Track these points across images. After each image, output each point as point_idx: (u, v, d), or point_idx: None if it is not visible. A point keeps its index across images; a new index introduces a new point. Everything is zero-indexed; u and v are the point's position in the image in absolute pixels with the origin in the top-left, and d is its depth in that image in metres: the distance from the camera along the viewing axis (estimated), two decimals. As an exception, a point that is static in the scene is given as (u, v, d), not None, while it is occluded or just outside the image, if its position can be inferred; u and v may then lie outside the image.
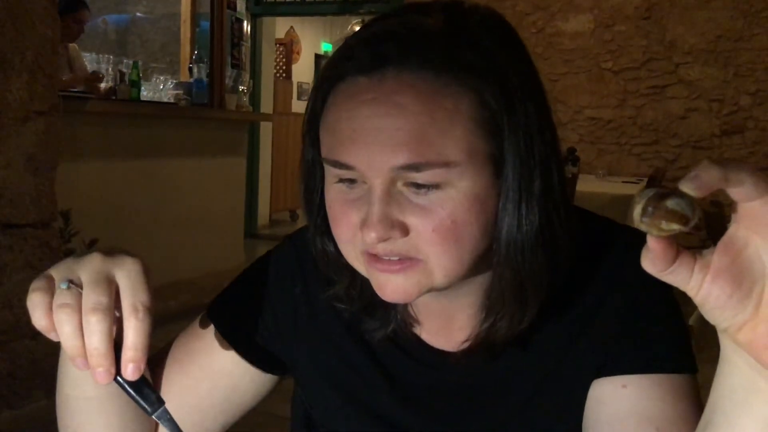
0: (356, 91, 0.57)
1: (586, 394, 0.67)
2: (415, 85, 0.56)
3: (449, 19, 0.59)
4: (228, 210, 4.90)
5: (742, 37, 5.18)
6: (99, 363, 0.55)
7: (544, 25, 5.62)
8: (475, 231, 0.58)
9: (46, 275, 0.57)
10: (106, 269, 0.57)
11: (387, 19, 0.61)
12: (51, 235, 2.64)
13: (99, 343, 0.54)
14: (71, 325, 0.54)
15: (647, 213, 0.39)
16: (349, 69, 0.58)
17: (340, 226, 0.61)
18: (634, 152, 5.53)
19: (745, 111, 5.23)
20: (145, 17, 6.41)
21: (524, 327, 0.64)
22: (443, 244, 0.58)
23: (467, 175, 0.57)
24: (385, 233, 0.57)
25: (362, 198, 0.59)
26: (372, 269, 0.61)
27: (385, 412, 0.72)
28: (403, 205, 0.58)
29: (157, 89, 4.72)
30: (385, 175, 0.57)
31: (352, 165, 0.58)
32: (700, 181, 0.38)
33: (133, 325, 0.55)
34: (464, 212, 0.57)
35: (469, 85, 0.57)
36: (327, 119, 0.60)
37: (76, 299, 0.55)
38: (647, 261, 0.41)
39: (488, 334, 0.65)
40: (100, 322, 0.54)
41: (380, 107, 0.56)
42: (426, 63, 0.56)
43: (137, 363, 0.56)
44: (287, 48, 10.32)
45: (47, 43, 2.55)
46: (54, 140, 2.61)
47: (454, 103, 0.56)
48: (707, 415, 0.48)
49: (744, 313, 0.41)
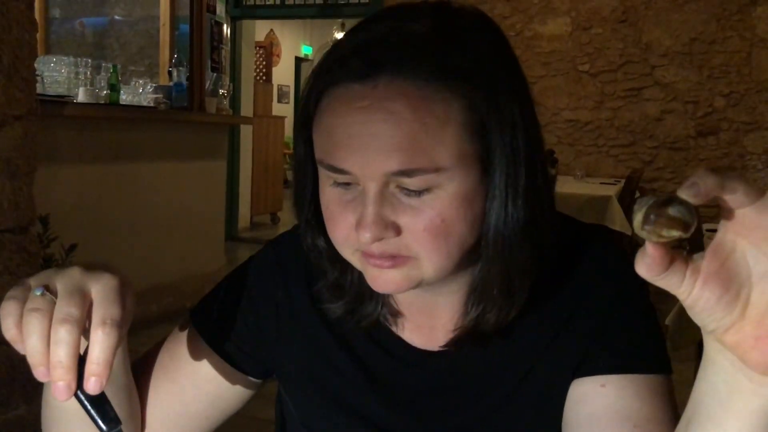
0: (350, 97, 0.59)
1: (565, 393, 0.68)
2: (408, 92, 0.57)
3: (439, 24, 0.61)
4: (209, 213, 4.87)
5: (715, 39, 5.26)
6: (60, 377, 0.53)
7: (522, 28, 5.67)
8: (463, 228, 0.61)
9: (23, 284, 0.57)
10: (83, 282, 0.56)
11: (377, 23, 0.62)
12: (29, 241, 2.61)
13: (64, 356, 0.53)
14: (38, 331, 0.53)
15: (649, 221, 0.39)
16: (342, 75, 0.59)
17: (337, 227, 0.63)
18: (612, 153, 5.59)
19: (719, 112, 5.31)
20: (124, 20, 6.35)
21: (512, 317, 0.66)
22: (434, 241, 0.60)
23: (456, 177, 0.59)
24: (379, 233, 0.59)
25: (357, 199, 0.61)
26: (366, 264, 0.63)
27: (368, 412, 0.73)
28: (396, 206, 0.60)
29: (136, 93, 4.67)
30: (379, 179, 0.58)
31: (348, 170, 0.59)
32: (699, 188, 0.39)
33: (99, 339, 0.54)
34: (453, 211, 0.60)
35: (460, 91, 0.58)
36: (321, 122, 0.61)
37: (47, 306, 0.54)
38: (643, 266, 0.42)
39: (476, 324, 0.67)
40: (68, 333, 0.53)
41: (374, 114, 0.57)
42: (418, 70, 0.58)
43: (99, 377, 0.54)
44: (267, 51, 10.30)
45: (24, 46, 2.53)
46: (32, 145, 2.58)
47: (444, 110, 0.58)
48: (689, 413, 0.50)
49: (731, 315, 0.42)
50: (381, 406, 0.73)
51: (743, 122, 5.22)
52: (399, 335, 0.73)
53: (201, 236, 4.71)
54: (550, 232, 0.65)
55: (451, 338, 0.70)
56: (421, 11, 0.62)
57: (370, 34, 0.61)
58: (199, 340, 0.76)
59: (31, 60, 2.57)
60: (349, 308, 0.72)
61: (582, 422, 0.66)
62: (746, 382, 0.44)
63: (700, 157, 5.36)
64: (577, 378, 0.68)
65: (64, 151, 3.60)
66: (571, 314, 0.69)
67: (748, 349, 0.43)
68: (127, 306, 0.57)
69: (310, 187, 0.67)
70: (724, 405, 0.46)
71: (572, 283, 0.70)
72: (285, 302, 0.76)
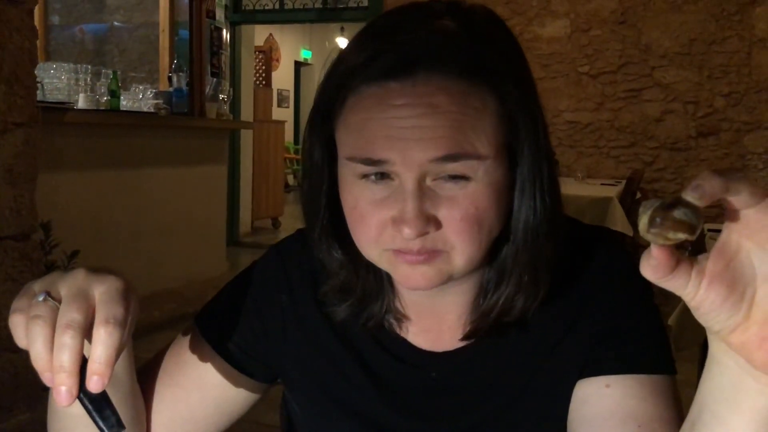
0: (386, 95, 0.59)
1: (570, 394, 0.69)
2: (446, 87, 0.59)
3: (462, 20, 0.62)
4: (210, 218, 4.88)
5: (714, 40, 5.26)
6: (62, 382, 0.53)
7: (521, 31, 5.67)
8: (494, 217, 0.62)
9: (28, 291, 0.57)
10: (87, 285, 0.56)
11: (402, 21, 0.63)
12: (32, 247, 2.62)
13: (67, 361, 0.53)
14: (42, 338, 0.53)
15: (655, 224, 0.40)
16: (375, 73, 0.60)
17: (367, 225, 0.62)
18: (612, 155, 5.59)
19: (719, 112, 5.31)
20: (123, 26, 6.36)
21: (536, 306, 0.67)
22: (469, 231, 0.61)
23: (489, 168, 0.61)
24: (423, 228, 0.59)
25: (392, 195, 0.61)
26: (397, 263, 0.63)
27: (375, 416, 0.74)
28: (434, 199, 0.60)
29: (137, 99, 4.67)
30: (419, 168, 0.59)
31: (387, 159, 0.59)
32: (704, 190, 0.39)
33: (101, 338, 0.54)
34: (486, 200, 0.61)
35: (493, 83, 0.60)
36: (350, 121, 0.61)
37: (50, 312, 0.54)
38: (649, 268, 0.42)
39: (501, 313, 0.67)
40: (71, 339, 0.53)
41: (415, 109, 0.58)
42: (452, 66, 0.59)
43: (101, 376, 0.53)
44: (267, 55, 10.31)
45: (25, 54, 2.54)
46: (33, 151, 2.59)
47: (481, 102, 0.60)
48: (694, 413, 0.50)
49: (737, 316, 0.43)
50: (387, 409, 0.73)
51: (744, 122, 5.22)
52: (404, 338, 0.74)
53: (202, 241, 4.72)
54: (564, 226, 0.67)
55: (469, 329, 0.70)
56: (440, 10, 0.63)
57: (398, 32, 0.61)
58: (204, 345, 0.76)
59: (31, 67, 2.58)
60: (355, 310, 0.72)
61: (587, 422, 0.66)
62: (752, 382, 0.45)
63: (701, 158, 5.36)
64: (583, 378, 0.68)
65: (65, 158, 3.61)
66: (577, 315, 0.70)
67: (754, 350, 0.43)
68: (131, 308, 0.57)
69: (327, 190, 0.67)
70: (729, 405, 0.46)
71: (579, 285, 0.70)
72: (290, 306, 0.77)
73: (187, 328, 0.78)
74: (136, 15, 6.27)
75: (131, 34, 6.25)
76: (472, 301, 0.70)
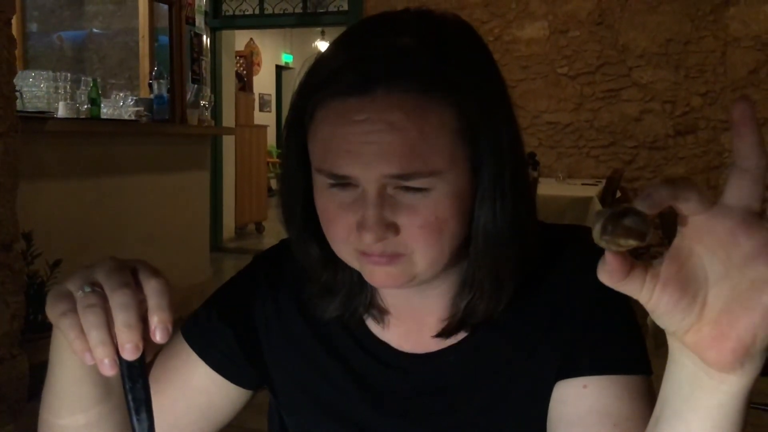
0: (347, 110, 0.61)
1: (549, 395, 0.70)
2: (404, 104, 0.60)
3: (426, 36, 0.63)
4: (193, 224, 4.86)
5: (690, 40, 5.33)
6: (128, 338, 0.54)
7: (500, 33, 5.71)
8: (455, 225, 0.64)
9: (61, 294, 0.57)
10: (123, 267, 0.58)
11: (367, 36, 0.64)
12: (13, 258, 2.60)
13: (130, 317, 0.54)
14: (98, 324, 0.54)
15: (607, 231, 0.42)
16: (337, 89, 0.62)
17: (336, 228, 0.65)
18: (592, 154, 5.64)
19: (696, 111, 5.38)
20: (102, 33, 6.31)
21: (500, 309, 0.69)
22: (428, 238, 0.63)
23: (449, 179, 0.62)
24: (382, 234, 0.62)
25: (356, 202, 0.63)
26: (365, 262, 0.66)
27: (359, 418, 0.75)
28: (394, 206, 0.62)
29: (117, 106, 4.63)
30: (379, 180, 0.61)
31: (348, 174, 0.62)
32: (653, 200, 0.42)
33: (153, 287, 0.57)
34: (446, 209, 0.63)
35: (452, 100, 0.62)
36: (317, 134, 0.64)
37: (100, 301, 0.55)
38: (604, 274, 0.44)
39: (465, 315, 0.70)
40: (129, 317, 0.55)
41: (373, 125, 0.60)
42: (411, 82, 0.61)
43: (165, 323, 0.56)
44: (248, 60, 10.28)
45: (3, 64, 2.52)
46: (13, 161, 2.57)
47: (439, 118, 0.61)
48: (658, 409, 0.52)
49: (690, 317, 0.45)
50: (372, 412, 0.75)
51: (720, 120, 5.29)
52: (386, 341, 0.75)
53: (186, 248, 4.70)
54: (531, 233, 0.68)
55: (440, 329, 0.72)
56: (406, 23, 0.65)
57: (360, 48, 0.63)
58: (189, 353, 0.77)
59: (10, 77, 2.57)
60: (341, 305, 0.74)
61: (566, 422, 0.68)
62: (707, 379, 0.46)
63: (680, 156, 5.43)
64: (560, 380, 0.70)
65: (46, 167, 3.58)
66: (553, 317, 0.71)
67: (707, 349, 0.45)
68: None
69: (302, 194, 0.69)
70: (687, 401, 0.48)
71: (554, 287, 0.72)
72: (274, 314, 0.78)
73: (173, 336, 0.79)
74: (115, 21, 6.22)
75: (111, 40, 6.21)
76: (451, 301, 0.72)
